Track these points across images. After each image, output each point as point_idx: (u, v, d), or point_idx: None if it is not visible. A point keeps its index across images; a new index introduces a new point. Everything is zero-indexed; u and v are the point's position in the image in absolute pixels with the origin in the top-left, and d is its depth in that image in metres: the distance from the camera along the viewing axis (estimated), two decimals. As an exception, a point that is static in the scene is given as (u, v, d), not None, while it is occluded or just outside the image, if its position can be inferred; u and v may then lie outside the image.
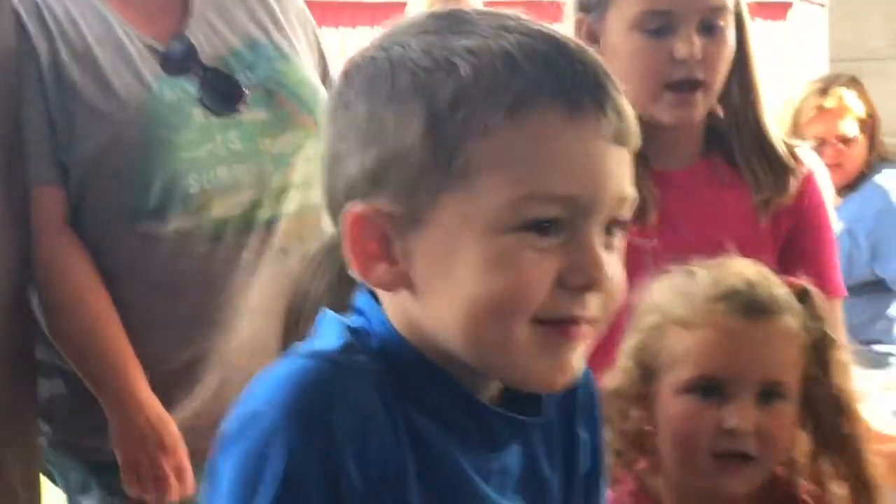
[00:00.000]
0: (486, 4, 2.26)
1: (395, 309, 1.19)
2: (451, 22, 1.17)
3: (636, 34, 2.11)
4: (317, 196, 2.47)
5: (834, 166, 4.06)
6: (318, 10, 2.81)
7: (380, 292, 1.20)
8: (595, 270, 1.14)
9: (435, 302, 1.15)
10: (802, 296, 1.85)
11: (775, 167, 2.20)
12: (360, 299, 1.22)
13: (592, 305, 1.15)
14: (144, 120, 2.40)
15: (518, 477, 1.24)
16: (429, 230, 1.14)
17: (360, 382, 1.13)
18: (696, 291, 1.81)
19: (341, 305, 1.43)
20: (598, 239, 1.14)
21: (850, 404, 1.87)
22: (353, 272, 1.19)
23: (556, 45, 1.15)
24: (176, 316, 2.45)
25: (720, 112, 2.26)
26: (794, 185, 2.20)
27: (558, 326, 1.15)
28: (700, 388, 1.77)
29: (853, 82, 4.33)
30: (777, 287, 1.83)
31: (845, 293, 2.42)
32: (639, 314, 1.87)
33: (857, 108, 4.23)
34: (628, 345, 1.86)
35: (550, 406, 1.26)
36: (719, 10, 2.11)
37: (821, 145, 4.03)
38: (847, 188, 4.20)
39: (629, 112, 1.17)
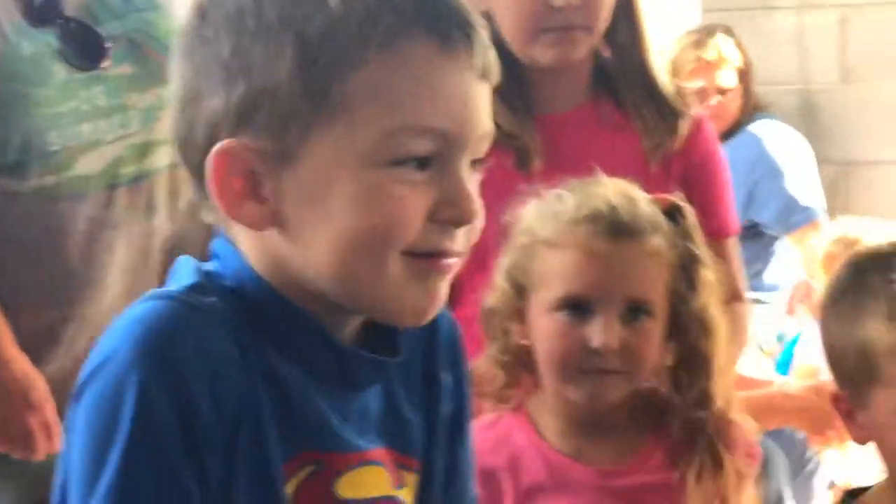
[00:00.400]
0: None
1: (258, 249, 1.18)
2: None
3: None
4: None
5: (713, 117, 4.12)
6: None
7: (239, 235, 1.19)
8: (467, 205, 1.15)
9: (306, 239, 1.15)
10: (673, 212, 1.90)
11: (664, 111, 2.21)
12: (216, 243, 1.22)
13: (460, 239, 1.17)
14: (2, 74, 2.38)
15: (379, 418, 1.25)
16: (301, 166, 1.13)
17: (208, 320, 1.12)
18: (563, 213, 1.85)
19: None
20: (466, 174, 1.16)
21: (712, 323, 1.90)
22: (219, 212, 1.17)
23: None
24: (41, 274, 2.44)
25: (606, 53, 2.26)
26: (684, 128, 2.22)
27: (428, 259, 1.16)
28: (567, 307, 1.82)
29: (728, 32, 4.39)
30: (643, 207, 1.87)
31: (738, 230, 2.49)
32: (512, 235, 1.90)
33: (735, 59, 4.31)
34: (502, 264, 1.90)
35: (412, 349, 1.27)
36: None
37: (701, 95, 4.07)
38: (722, 137, 4.23)
39: (491, 47, 1.17)
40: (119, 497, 1.07)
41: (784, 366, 3.75)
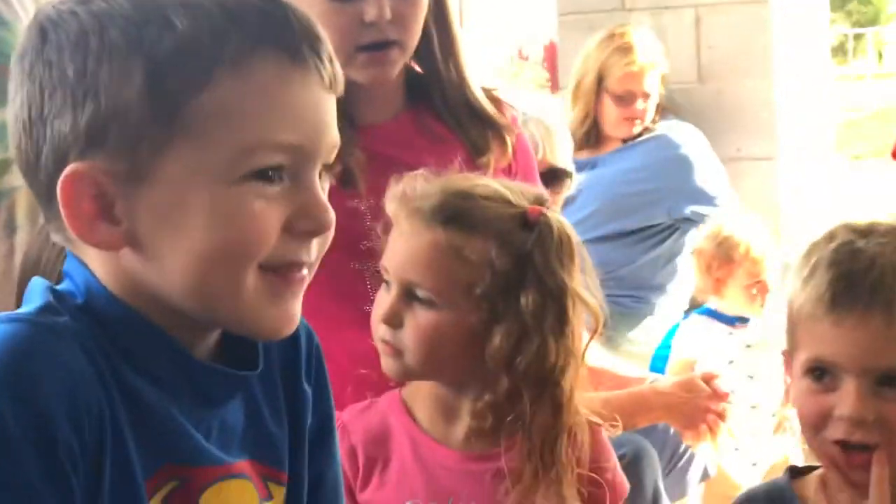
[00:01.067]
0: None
1: (110, 268, 1.17)
2: None
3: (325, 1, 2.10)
4: None
5: (634, 119, 4.24)
6: None
7: (89, 253, 1.18)
8: (323, 215, 1.17)
9: (162, 257, 1.15)
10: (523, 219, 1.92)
11: (486, 124, 2.23)
12: (67, 262, 1.21)
13: (314, 249, 1.19)
14: None
15: (241, 432, 1.26)
16: (154, 186, 1.13)
17: (61, 341, 1.11)
18: (413, 192, 1.91)
19: None
20: (318, 184, 1.18)
21: (572, 325, 1.94)
22: (67, 233, 1.16)
23: (269, 3, 1.16)
24: None
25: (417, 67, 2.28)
26: (511, 140, 2.27)
27: (282, 274, 1.17)
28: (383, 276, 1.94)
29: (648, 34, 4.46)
30: (472, 203, 1.90)
31: None
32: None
33: (662, 66, 4.34)
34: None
35: (271, 361, 1.28)
36: None
37: (627, 100, 4.19)
38: (632, 138, 4.33)
39: (335, 59, 1.20)
40: None
41: (661, 360, 3.83)
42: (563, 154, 3.40)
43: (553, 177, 3.37)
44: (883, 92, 21.25)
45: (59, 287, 1.19)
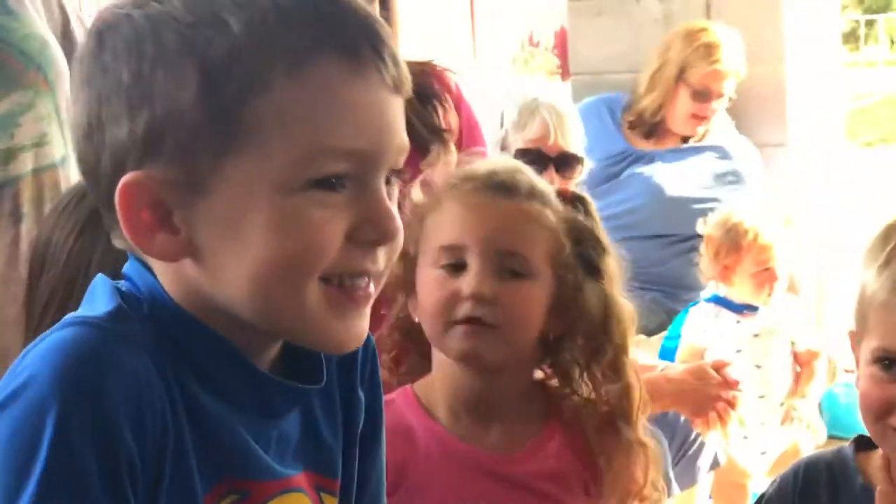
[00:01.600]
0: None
1: (172, 276, 1.17)
2: None
3: None
4: (54, 155, 2.41)
5: (703, 118, 4.24)
6: None
7: (152, 260, 1.17)
8: (388, 223, 1.16)
9: (222, 267, 1.14)
10: (574, 201, 1.99)
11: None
12: (128, 266, 1.21)
13: (381, 259, 1.18)
14: None
15: (298, 443, 1.26)
16: (212, 195, 1.12)
17: (131, 349, 1.11)
18: (446, 179, 1.95)
19: (91, 254, 1.48)
20: (384, 191, 1.16)
21: (618, 309, 1.96)
22: (131, 245, 1.16)
23: (331, 3, 1.14)
24: None
25: None
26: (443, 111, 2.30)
27: (345, 288, 1.16)
28: (445, 265, 1.88)
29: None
30: (527, 177, 1.94)
31: None
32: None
33: (740, 68, 4.32)
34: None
35: (332, 370, 1.28)
36: None
37: (705, 97, 4.18)
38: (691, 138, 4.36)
39: (401, 58, 1.17)
40: None
41: (671, 350, 3.84)
42: (574, 140, 3.46)
43: (564, 162, 3.43)
44: (894, 78, 21.20)
45: (123, 288, 1.19)
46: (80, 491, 1.06)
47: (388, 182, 1.17)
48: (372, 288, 1.18)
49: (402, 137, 1.17)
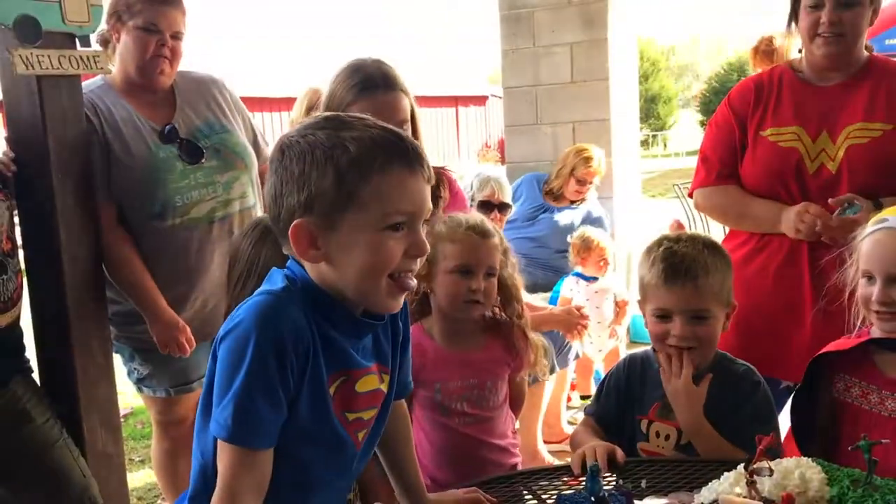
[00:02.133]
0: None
1: (314, 272, 1.16)
2: (337, 121, 1.15)
3: None
4: (248, 203, 2.50)
5: (581, 193, 4.03)
6: (248, 102, 2.71)
7: (303, 261, 1.17)
8: (423, 247, 1.16)
9: (343, 268, 1.14)
10: (500, 234, 1.89)
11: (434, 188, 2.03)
12: (290, 264, 1.19)
13: (418, 264, 1.18)
14: (150, 168, 2.38)
15: (372, 348, 1.25)
16: (339, 231, 1.12)
17: (293, 306, 1.12)
18: (452, 225, 1.85)
19: (262, 259, 1.46)
20: (421, 231, 1.16)
21: (517, 283, 1.92)
22: (294, 253, 1.16)
23: (396, 133, 1.16)
24: (177, 268, 2.44)
25: None
26: (446, 196, 2.17)
27: (399, 282, 1.15)
28: (458, 271, 1.82)
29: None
30: (489, 224, 1.87)
31: None
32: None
33: (603, 169, 4.09)
34: None
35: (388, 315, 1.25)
36: (405, 122, 1.98)
37: (581, 185, 4.00)
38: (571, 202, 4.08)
39: (430, 165, 1.17)
40: (242, 394, 1.07)
41: (555, 299, 3.74)
42: (506, 195, 3.46)
43: (502, 207, 3.49)
44: (664, 164, 20.84)
45: (287, 273, 1.17)
46: (266, 376, 1.08)
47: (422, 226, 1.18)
48: (412, 282, 1.18)
49: (429, 204, 1.18)
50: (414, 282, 1.18)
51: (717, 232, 3.24)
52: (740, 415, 1.64)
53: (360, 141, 1.12)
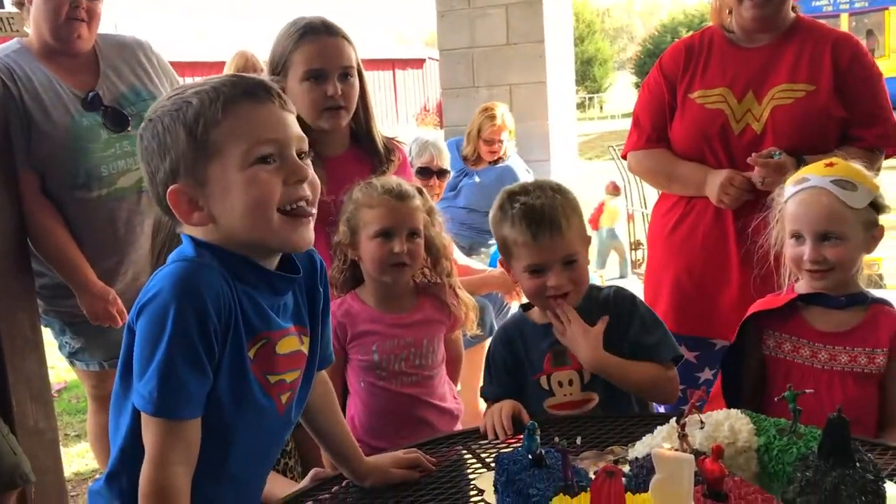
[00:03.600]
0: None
1: (213, 234, 1.14)
2: (181, 88, 1.16)
3: (304, 83, 1.95)
4: None
5: (494, 153, 3.98)
6: (177, 67, 2.65)
7: (195, 230, 1.15)
8: (301, 171, 1.13)
9: (229, 219, 1.12)
10: (422, 191, 1.90)
11: (383, 153, 2.09)
12: (183, 237, 1.18)
13: (308, 190, 1.15)
14: (72, 136, 2.32)
15: (291, 309, 1.23)
16: (211, 184, 1.11)
17: (209, 270, 1.11)
18: (372, 190, 1.84)
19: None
20: (296, 158, 1.14)
21: (443, 241, 1.92)
22: (184, 224, 1.16)
23: (235, 75, 1.16)
24: (105, 240, 2.40)
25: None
26: (398, 160, 2.14)
27: (293, 214, 1.13)
28: (380, 235, 1.81)
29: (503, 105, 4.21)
30: (409, 187, 1.86)
31: None
32: (346, 205, 1.87)
33: (510, 124, 4.08)
34: (342, 218, 1.87)
35: (305, 273, 1.24)
36: (350, 68, 1.98)
37: (490, 145, 3.96)
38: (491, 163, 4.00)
39: (286, 95, 1.16)
40: (165, 365, 1.06)
41: (494, 261, 3.63)
42: (445, 161, 3.43)
43: (441, 173, 3.47)
44: (601, 126, 21.00)
45: (193, 241, 1.16)
46: (189, 345, 1.07)
47: (302, 157, 1.15)
48: (311, 210, 1.15)
49: (297, 131, 1.15)
50: (310, 208, 1.16)
51: (652, 195, 3.28)
52: (630, 331, 1.66)
53: (201, 93, 1.12)
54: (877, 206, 1.64)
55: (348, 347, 1.85)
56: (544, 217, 1.64)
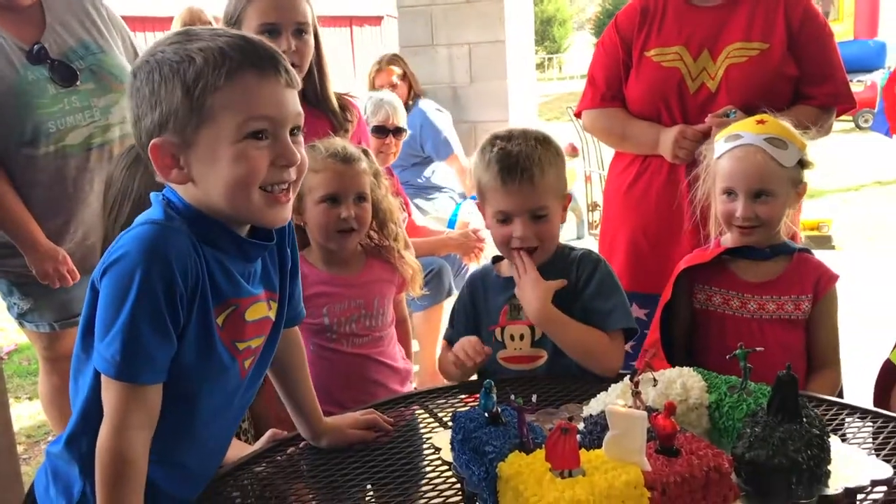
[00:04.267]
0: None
1: (187, 193, 1.13)
2: (186, 35, 1.12)
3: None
4: (129, 128, 2.43)
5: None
6: (129, 21, 2.58)
7: (174, 186, 1.14)
8: (290, 155, 1.12)
9: (209, 186, 1.11)
10: (368, 153, 1.89)
11: (339, 113, 2.10)
12: (167, 190, 1.16)
13: (293, 174, 1.14)
14: (16, 91, 2.25)
15: (260, 275, 1.23)
16: (198, 148, 1.09)
17: (178, 234, 1.09)
18: (318, 154, 1.80)
19: (142, 186, 1.38)
20: (289, 139, 1.12)
21: (390, 205, 1.92)
22: (161, 177, 1.14)
23: (247, 39, 1.12)
24: (53, 198, 2.35)
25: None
26: (354, 123, 2.15)
27: (273, 193, 1.12)
28: (326, 200, 1.80)
29: (397, 58, 4.23)
30: (355, 149, 1.84)
31: None
32: None
33: (398, 71, 4.10)
34: None
35: (276, 238, 1.23)
36: (305, 24, 1.96)
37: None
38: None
39: (293, 70, 1.14)
40: (128, 328, 1.05)
41: (452, 222, 3.76)
42: (401, 119, 3.39)
43: (397, 132, 3.44)
44: (559, 87, 20.93)
45: (163, 200, 1.14)
46: (154, 309, 1.06)
47: (294, 134, 1.14)
48: (290, 192, 1.15)
49: (296, 108, 1.13)
50: (289, 195, 1.15)
51: (610, 156, 3.31)
52: (585, 294, 1.64)
53: (207, 51, 1.08)
54: (803, 164, 1.69)
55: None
56: (518, 164, 1.60)
